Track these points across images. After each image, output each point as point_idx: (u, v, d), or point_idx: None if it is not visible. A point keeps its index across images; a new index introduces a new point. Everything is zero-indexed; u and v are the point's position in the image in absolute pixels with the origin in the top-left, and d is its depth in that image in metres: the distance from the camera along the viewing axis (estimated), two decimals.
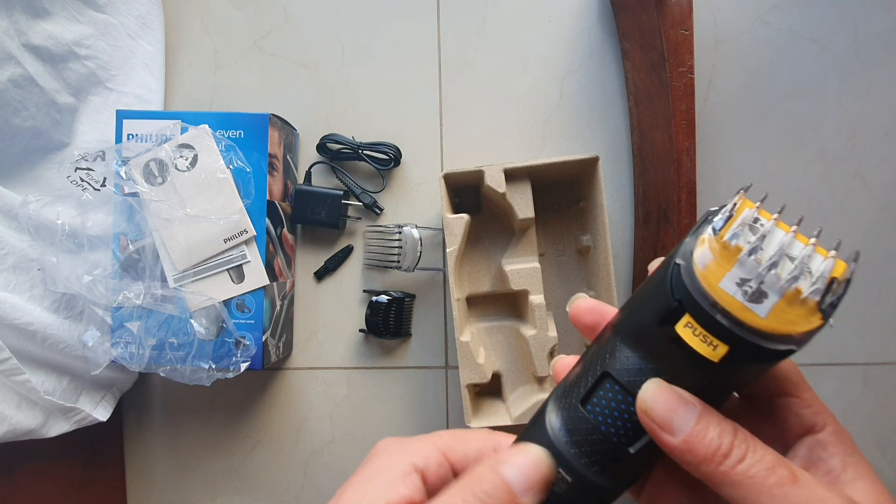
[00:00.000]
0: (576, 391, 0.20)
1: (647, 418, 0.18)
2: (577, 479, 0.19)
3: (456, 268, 0.53)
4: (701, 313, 0.16)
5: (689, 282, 0.16)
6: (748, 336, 0.16)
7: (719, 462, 0.17)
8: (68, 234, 0.50)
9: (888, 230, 0.60)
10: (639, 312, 0.19)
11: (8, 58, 0.48)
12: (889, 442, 0.59)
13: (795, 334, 0.16)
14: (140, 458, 0.64)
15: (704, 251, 0.17)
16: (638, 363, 0.19)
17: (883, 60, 0.59)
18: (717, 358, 0.16)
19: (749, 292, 0.16)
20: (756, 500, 0.17)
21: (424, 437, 0.22)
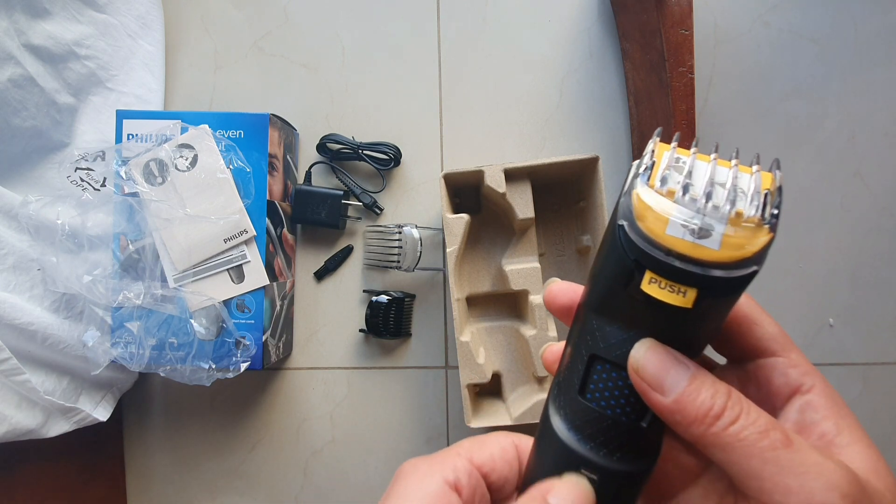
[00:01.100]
0: (571, 383, 0.20)
1: (637, 378, 0.18)
2: (603, 474, 0.19)
3: (456, 268, 0.53)
4: (659, 265, 0.16)
5: (638, 239, 0.16)
6: (711, 272, 0.16)
7: (710, 423, 0.17)
8: (68, 234, 0.50)
9: (888, 230, 0.60)
10: (602, 283, 0.19)
11: (8, 58, 0.48)
12: (889, 442, 0.59)
13: (752, 255, 0.16)
14: (140, 458, 0.64)
15: (641, 205, 0.17)
16: (619, 335, 0.18)
17: (883, 60, 0.60)
18: (690, 304, 0.16)
19: (696, 230, 0.16)
20: (747, 463, 0.16)
21: (447, 451, 0.22)
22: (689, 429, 0.17)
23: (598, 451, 0.19)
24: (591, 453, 0.19)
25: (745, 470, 0.16)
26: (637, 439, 0.19)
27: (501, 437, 0.23)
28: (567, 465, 0.19)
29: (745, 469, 0.16)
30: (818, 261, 0.60)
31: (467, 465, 0.21)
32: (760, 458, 0.16)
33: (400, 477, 0.21)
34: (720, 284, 0.16)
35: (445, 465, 0.21)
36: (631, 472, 0.19)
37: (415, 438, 0.62)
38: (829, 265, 0.60)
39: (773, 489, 0.16)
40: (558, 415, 0.20)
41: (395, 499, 0.20)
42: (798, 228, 0.60)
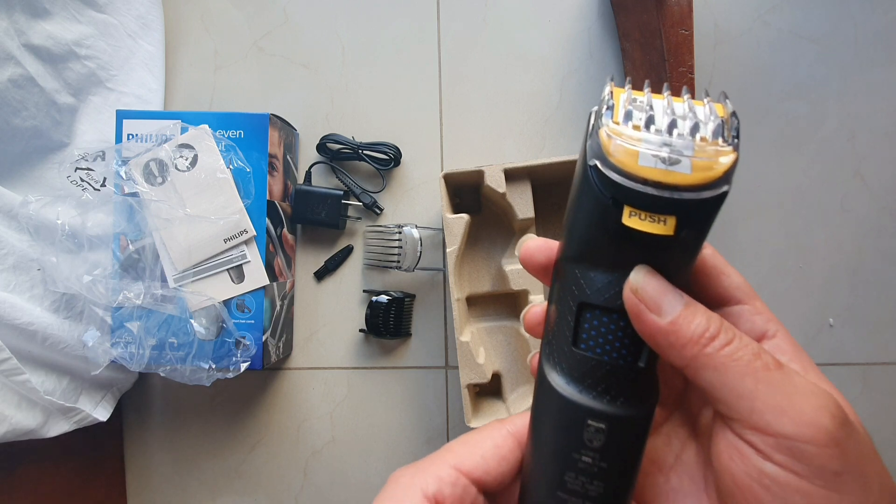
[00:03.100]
0: (563, 337, 0.20)
1: (635, 299, 0.18)
2: (609, 422, 0.18)
3: (456, 268, 0.53)
4: (637, 197, 0.17)
5: (613, 174, 0.17)
6: (687, 196, 0.16)
7: (705, 345, 0.17)
8: (68, 234, 0.50)
9: (888, 230, 0.60)
10: (581, 230, 0.19)
11: (8, 58, 0.48)
12: (889, 442, 0.59)
13: (722, 175, 0.16)
14: (140, 458, 0.64)
15: (610, 142, 0.17)
16: (606, 278, 0.19)
17: (883, 60, 0.60)
18: (671, 231, 0.17)
19: (666, 158, 0.16)
20: (740, 383, 0.17)
21: (433, 457, 0.21)
22: (682, 351, 0.17)
23: (601, 399, 0.19)
24: (595, 402, 0.19)
25: (738, 390, 0.17)
26: (637, 381, 0.19)
27: (494, 430, 0.22)
28: (572, 420, 0.19)
29: (737, 389, 0.17)
30: (818, 261, 0.60)
31: (452, 473, 0.20)
32: (754, 377, 0.16)
33: (384, 490, 0.20)
34: (697, 207, 0.16)
35: (427, 477, 0.20)
36: (636, 416, 0.19)
37: (415, 438, 0.62)
38: (829, 265, 0.60)
39: (764, 408, 0.16)
40: (555, 371, 0.20)
41: None
42: (798, 228, 0.60)
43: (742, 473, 0.17)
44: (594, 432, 0.18)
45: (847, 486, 0.16)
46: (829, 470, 0.16)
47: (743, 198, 0.60)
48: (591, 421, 0.18)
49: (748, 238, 0.60)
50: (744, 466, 0.17)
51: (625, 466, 0.19)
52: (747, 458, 0.17)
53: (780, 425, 0.16)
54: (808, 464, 0.16)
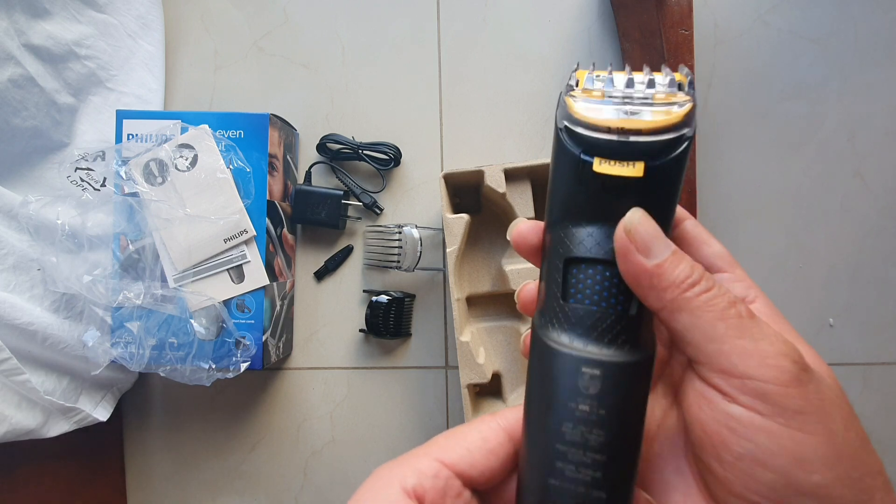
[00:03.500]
0: (552, 297, 0.20)
1: (626, 239, 0.18)
2: (604, 368, 0.18)
3: (456, 268, 0.53)
4: (605, 146, 0.18)
5: (580, 130, 0.18)
6: (651, 138, 0.18)
7: (686, 289, 0.18)
8: (68, 234, 0.50)
9: (888, 230, 0.60)
10: (559, 193, 0.20)
11: (8, 58, 0.48)
12: (889, 442, 0.59)
13: (682, 119, 0.18)
14: (140, 458, 0.64)
15: (575, 104, 0.19)
16: (587, 231, 0.19)
17: (883, 60, 0.60)
18: (641, 172, 0.18)
19: (627, 111, 0.18)
20: (711, 326, 0.17)
21: (416, 450, 0.20)
22: (662, 293, 0.18)
23: (594, 346, 0.19)
24: (589, 348, 0.19)
25: (709, 333, 0.18)
26: (629, 328, 0.19)
27: (483, 423, 0.21)
28: (566, 369, 0.19)
29: (708, 333, 0.18)
30: (818, 261, 0.60)
31: (434, 465, 0.19)
32: (725, 322, 0.17)
33: (362, 486, 0.19)
34: (662, 150, 0.18)
35: (407, 469, 0.19)
36: (631, 363, 0.19)
37: (415, 438, 0.62)
38: (829, 265, 0.60)
39: (731, 350, 0.17)
40: (547, 329, 0.20)
41: None
42: (798, 228, 0.60)
43: (710, 420, 0.18)
44: (589, 379, 0.18)
45: (809, 425, 0.17)
46: (791, 409, 0.17)
47: (743, 198, 0.60)
48: (585, 368, 0.18)
49: (748, 238, 0.60)
50: (711, 413, 0.18)
51: (625, 414, 0.19)
52: (714, 404, 0.18)
53: (745, 367, 0.17)
54: (771, 403, 0.17)
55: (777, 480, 0.17)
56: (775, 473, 0.17)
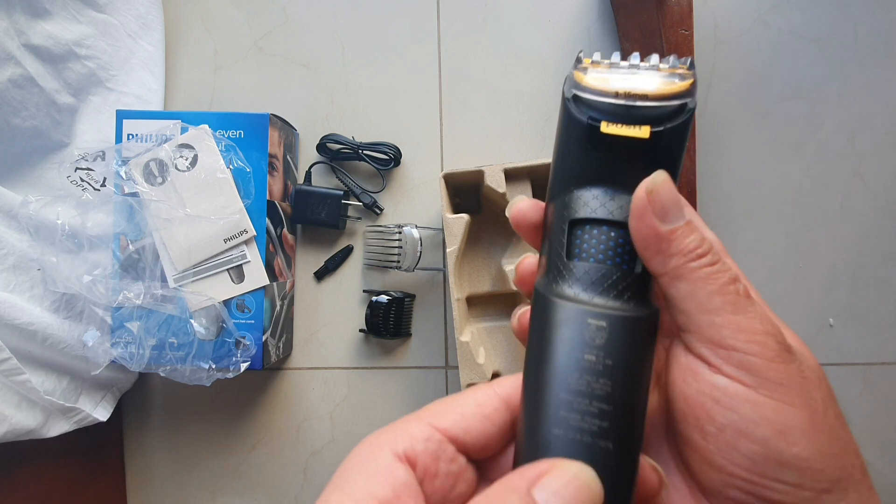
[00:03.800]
0: (556, 257, 0.20)
1: (645, 199, 0.18)
2: (610, 321, 0.18)
3: (456, 268, 0.53)
4: (613, 110, 0.19)
5: (587, 96, 0.19)
6: (657, 104, 0.18)
7: (691, 259, 0.18)
8: (68, 234, 0.50)
9: (888, 230, 0.60)
10: (566, 161, 0.21)
11: (8, 58, 0.48)
12: (889, 442, 0.59)
13: (685, 90, 0.19)
14: (140, 458, 0.64)
15: (584, 75, 0.20)
16: (592, 193, 0.20)
17: (883, 60, 0.60)
18: (647, 134, 0.18)
19: (634, 79, 0.19)
20: (708, 298, 0.18)
21: (407, 417, 0.19)
22: (668, 259, 0.18)
23: (602, 298, 0.19)
24: (596, 299, 0.19)
25: (705, 304, 0.18)
26: (635, 285, 0.19)
27: (478, 391, 0.20)
28: (572, 321, 0.19)
29: (704, 303, 0.18)
30: (818, 261, 0.60)
31: (426, 429, 0.18)
32: (723, 297, 0.18)
33: (352, 452, 0.18)
34: (667, 116, 0.19)
35: (398, 435, 0.18)
36: (637, 317, 0.19)
37: None
38: (829, 265, 0.60)
39: (723, 323, 0.18)
40: (552, 286, 0.20)
41: (337, 478, 0.18)
42: (798, 228, 0.60)
43: (695, 392, 0.18)
44: (595, 330, 0.18)
45: (791, 398, 0.17)
46: (774, 380, 0.17)
47: (743, 198, 0.60)
48: (591, 320, 0.18)
49: (748, 238, 0.60)
50: (696, 385, 0.18)
51: (631, 366, 0.18)
52: (700, 375, 0.18)
53: (734, 340, 0.17)
54: (756, 375, 0.17)
55: (758, 451, 0.17)
56: (757, 444, 0.17)
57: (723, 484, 0.18)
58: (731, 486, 0.18)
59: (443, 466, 0.18)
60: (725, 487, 0.18)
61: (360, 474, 0.17)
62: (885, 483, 0.58)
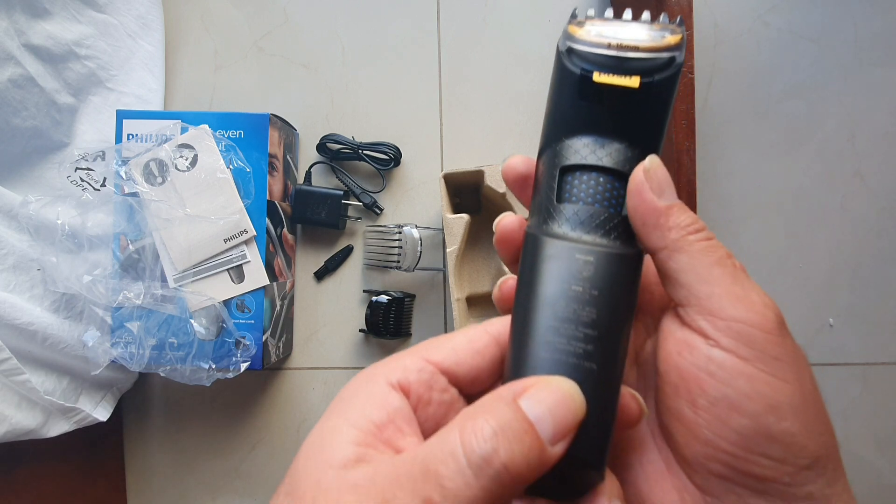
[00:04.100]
0: (547, 201, 0.21)
1: (643, 177, 0.19)
2: (597, 256, 0.19)
3: (456, 268, 0.53)
4: (605, 61, 0.20)
5: (581, 48, 0.20)
6: (647, 55, 0.19)
7: (689, 233, 0.19)
8: (68, 234, 0.50)
9: (888, 230, 0.60)
10: (558, 111, 0.21)
11: (8, 58, 0.48)
12: (889, 442, 0.59)
13: (674, 44, 0.19)
14: (140, 458, 0.64)
15: (578, 28, 0.20)
16: (583, 141, 0.21)
17: (883, 60, 0.60)
18: (637, 83, 0.19)
19: (626, 31, 0.20)
20: (707, 269, 0.18)
21: (400, 353, 0.20)
22: (667, 232, 0.19)
23: (590, 235, 0.20)
24: (584, 237, 0.20)
25: (704, 275, 0.18)
26: (621, 226, 0.20)
27: (469, 329, 0.21)
28: (560, 255, 0.19)
29: (703, 274, 0.18)
30: (818, 261, 0.60)
31: (419, 361, 0.19)
32: (721, 269, 0.18)
33: (346, 385, 0.19)
34: (656, 67, 0.19)
35: (391, 367, 0.19)
36: (623, 254, 0.20)
37: None
38: (829, 265, 0.60)
39: (723, 293, 0.18)
40: (541, 227, 0.21)
41: (334, 409, 0.18)
42: (798, 228, 0.60)
43: (689, 365, 0.18)
44: (583, 264, 0.19)
45: (784, 373, 0.17)
46: (770, 354, 0.17)
47: (743, 198, 0.60)
48: (578, 255, 0.19)
49: (748, 238, 0.60)
50: (691, 357, 0.18)
51: (616, 298, 0.19)
52: (696, 349, 0.18)
53: (734, 309, 0.18)
54: (753, 347, 0.17)
55: (748, 426, 0.17)
56: (748, 418, 0.17)
57: (707, 457, 0.18)
58: (714, 459, 0.18)
59: (435, 395, 0.19)
60: (709, 461, 0.18)
61: (357, 400, 0.18)
62: (885, 483, 0.58)
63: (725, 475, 0.18)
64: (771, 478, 0.17)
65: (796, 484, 0.17)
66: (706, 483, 0.18)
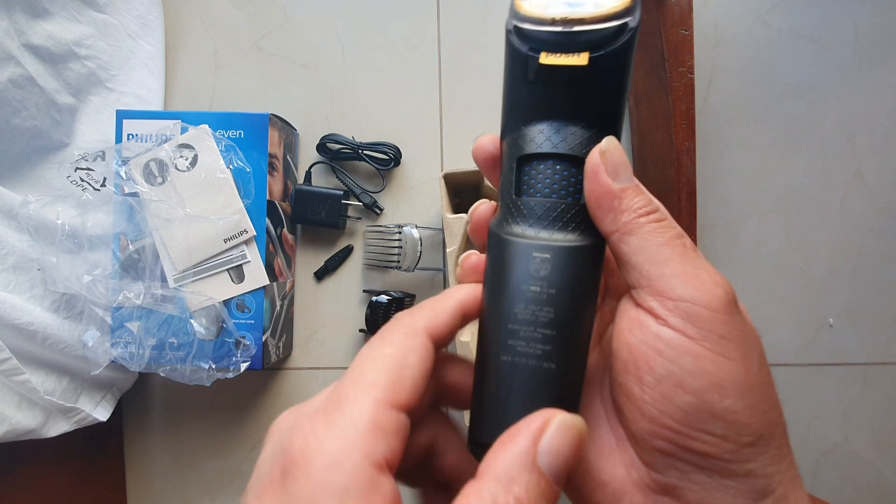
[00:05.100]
0: (507, 196, 0.20)
1: (598, 159, 0.19)
2: (553, 252, 0.19)
3: (456, 268, 0.53)
4: (551, 39, 0.18)
5: (526, 26, 0.19)
6: (594, 27, 0.18)
7: (641, 215, 0.19)
8: (68, 234, 0.50)
9: (888, 230, 0.60)
10: (512, 96, 0.21)
11: (8, 58, 0.48)
12: (889, 442, 0.59)
13: (623, 9, 0.18)
14: (140, 458, 0.64)
15: (523, 3, 0.19)
16: (538, 128, 0.20)
17: (883, 60, 0.60)
18: (585, 60, 0.18)
19: (570, 2, 0.19)
20: (657, 250, 0.19)
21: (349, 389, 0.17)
22: (619, 214, 0.19)
23: (547, 231, 0.20)
24: (541, 233, 0.20)
25: (655, 256, 0.19)
26: (578, 216, 0.20)
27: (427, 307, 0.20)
28: (519, 256, 0.19)
29: (654, 256, 0.19)
30: (818, 261, 0.60)
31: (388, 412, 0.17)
32: (671, 249, 0.19)
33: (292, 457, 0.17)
34: (605, 39, 0.18)
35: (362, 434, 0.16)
36: (580, 246, 0.19)
37: None
38: (829, 265, 0.60)
39: (672, 274, 0.18)
40: (503, 224, 0.20)
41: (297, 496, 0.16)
42: (798, 228, 0.60)
43: (639, 342, 0.19)
44: (540, 262, 0.19)
45: (730, 352, 0.17)
46: (716, 333, 0.18)
47: (743, 198, 0.60)
48: (535, 253, 0.19)
49: (748, 238, 0.60)
50: (642, 335, 0.19)
51: (573, 293, 0.19)
52: (646, 327, 0.19)
53: (683, 289, 0.18)
54: (700, 327, 0.18)
55: (692, 403, 0.17)
56: (692, 395, 0.17)
57: (652, 434, 0.18)
58: (659, 436, 0.18)
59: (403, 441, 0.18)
60: (654, 437, 0.18)
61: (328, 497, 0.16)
62: (884, 483, 0.58)
63: (670, 451, 0.18)
64: (713, 454, 0.17)
65: (737, 461, 0.17)
66: (652, 458, 0.19)
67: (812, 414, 0.60)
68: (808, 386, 0.60)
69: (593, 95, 0.19)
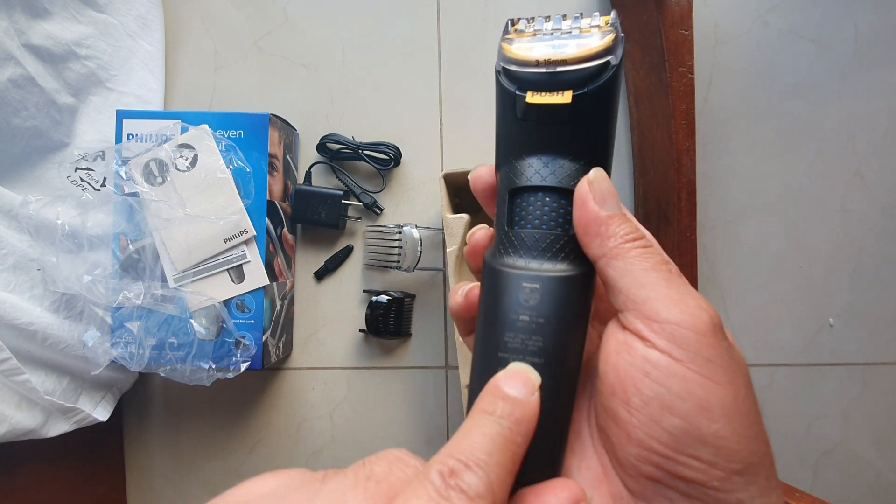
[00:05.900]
0: (501, 229, 0.21)
1: (587, 188, 0.20)
2: (542, 282, 0.20)
3: (456, 268, 0.53)
4: (536, 80, 0.20)
5: (513, 68, 0.20)
6: (577, 67, 0.19)
7: (627, 241, 0.20)
8: (68, 234, 0.50)
9: (888, 230, 0.60)
10: (503, 133, 0.22)
11: (8, 58, 0.48)
12: (889, 442, 0.59)
13: (605, 48, 0.19)
14: (140, 458, 0.64)
15: (509, 46, 0.20)
16: (528, 162, 0.21)
17: (883, 60, 0.60)
18: (569, 98, 0.19)
19: (555, 44, 0.20)
20: (643, 274, 0.19)
21: None
22: (606, 240, 0.20)
23: (537, 261, 0.20)
24: (531, 264, 0.20)
25: (641, 280, 0.19)
26: (568, 246, 0.21)
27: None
28: (510, 287, 0.20)
29: (640, 280, 0.19)
30: (818, 261, 0.60)
31: None
32: (657, 274, 0.19)
33: None
34: (587, 78, 0.19)
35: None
36: (568, 276, 0.20)
37: (415, 438, 0.62)
38: (829, 265, 0.60)
39: (657, 297, 0.18)
40: (496, 255, 0.21)
41: None
42: (798, 228, 0.60)
43: (626, 364, 0.19)
44: (529, 293, 0.20)
45: (717, 375, 0.17)
46: (703, 356, 0.18)
47: (743, 198, 0.60)
48: (525, 283, 0.20)
49: (748, 238, 0.60)
50: (629, 357, 0.19)
51: (562, 322, 0.20)
52: (633, 349, 0.19)
53: (668, 312, 0.18)
54: (686, 349, 0.18)
55: (679, 426, 0.17)
56: (679, 418, 0.17)
57: (639, 459, 0.18)
58: (647, 461, 0.18)
59: None
60: (641, 463, 0.18)
61: None
62: (884, 483, 0.58)
63: (657, 477, 0.18)
64: (701, 481, 0.17)
65: (726, 490, 0.17)
66: (639, 487, 0.18)
67: (812, 414, 0.60)
68: (808, 386, 0.60)
69: (579, 130, 0.20)
